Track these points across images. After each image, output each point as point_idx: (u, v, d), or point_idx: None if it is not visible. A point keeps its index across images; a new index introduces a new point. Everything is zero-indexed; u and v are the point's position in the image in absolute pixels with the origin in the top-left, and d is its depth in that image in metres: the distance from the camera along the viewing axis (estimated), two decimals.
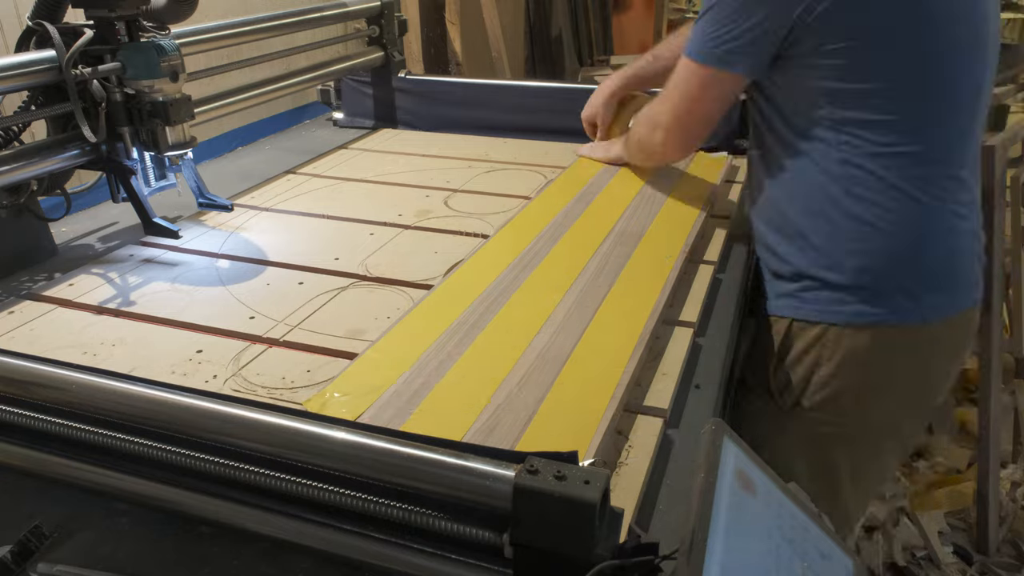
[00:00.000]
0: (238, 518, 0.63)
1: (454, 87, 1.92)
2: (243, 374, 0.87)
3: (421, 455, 0.56)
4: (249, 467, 0.61)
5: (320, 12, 1.71)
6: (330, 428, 0.58)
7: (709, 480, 0.48)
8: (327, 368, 0.88)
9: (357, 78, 1.94)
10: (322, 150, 1.76)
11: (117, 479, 0.66)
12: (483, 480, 0.53)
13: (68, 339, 0.95)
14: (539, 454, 0.54)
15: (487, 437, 0.71)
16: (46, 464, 0.69)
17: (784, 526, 0.50)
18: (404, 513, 0.57)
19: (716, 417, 0.63)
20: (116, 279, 1.11)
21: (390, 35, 1.92)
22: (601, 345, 0.87)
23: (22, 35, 1.11)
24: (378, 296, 1.06)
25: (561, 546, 0.52)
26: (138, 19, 1.16)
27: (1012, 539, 2.03)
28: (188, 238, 1.25)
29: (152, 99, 1.15)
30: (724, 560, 0.43)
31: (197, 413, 0.62)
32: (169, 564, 0.61)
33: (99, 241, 1.28)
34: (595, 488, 0.51)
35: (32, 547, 0.60)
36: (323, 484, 0.59)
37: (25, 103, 1.13)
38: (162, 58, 1.13)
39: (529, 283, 1.03)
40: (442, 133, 1.89)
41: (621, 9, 4.21)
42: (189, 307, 1.03)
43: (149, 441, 0.64)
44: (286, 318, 0.99)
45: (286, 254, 1.19)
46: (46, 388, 0.67)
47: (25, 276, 1.14)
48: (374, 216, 1.34)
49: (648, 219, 1.25)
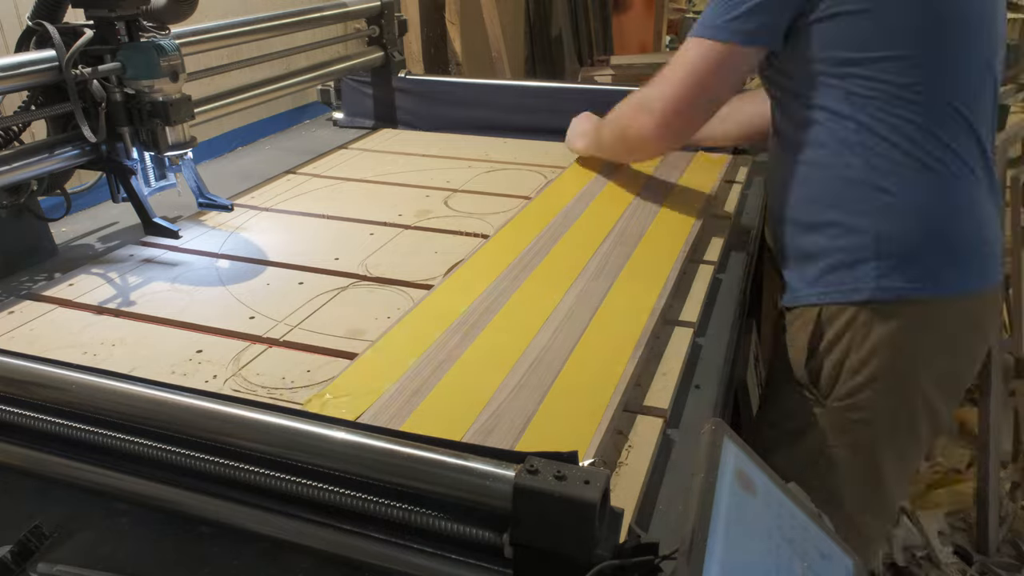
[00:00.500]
0: (238, 518, 0.63)
1: (454, 87, 1.92)
2: (243, 374, 0.87)
3: (421, 455, 0.56)
4: (249, 467, 0.61)
5: (320, 12, 1.71)
6: (330, 428, 0.58)
7: (709, 480, 0.48)
8: (327, 368, 0.88)
9: (357, 78, 1.94)
10: (322, 150, 1.76)
11: (117, 479, 0.66)
12: (483, 480, 0.53)
13: (68, 339, 0.95)
14: (539, 454, 0.54)
15: (487, 437, 0.71)
16: (46, 464, 0.69)
17: (784, 526, 0.50)
18: (404, 513, 0.57)
19: (716, 417, 0.63)
20: (116, 279, 1.11)
21: (390, 35, 1.92)
22: (601, 345, 0.87)
23: (22, 35, 1.11)
24: (378, 296, 1.06)
25: (561, 546, 0.52)
26: (138, 19, 1.16)
27: (1012, 539, 2.03)
28: (188, 238, 1.25)
29: (152, 99, 1.15)
30: (724, 560, 0.43)
31: (197, 413, 0.62)
32: (169, 564, 0.61)
33: (99, 241, 1.28)
34: (595, 488, 0.51)
35: (32, 547, 0.60)
36: (323, 484, 0.59)
37: (25, 103, 1.13)
38: (162, 58, 1.13)
39: (529, 283, 1.03)
40: (442, 133, 1.89)
41: (621, 9, 4.21)
42: (189, 307, 1.03)
43: (149, 441, 0.64)
44: (286, 318, 0.99)
45: (286, 254, 1.19)
46: (46, 388, 0.67)
47: (25, 276, 1.14)
48: (374, 216, 1.34)
49: (648, 219, 1.25)
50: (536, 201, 1.35)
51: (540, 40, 3.70)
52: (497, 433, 0.72)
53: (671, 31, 4.53)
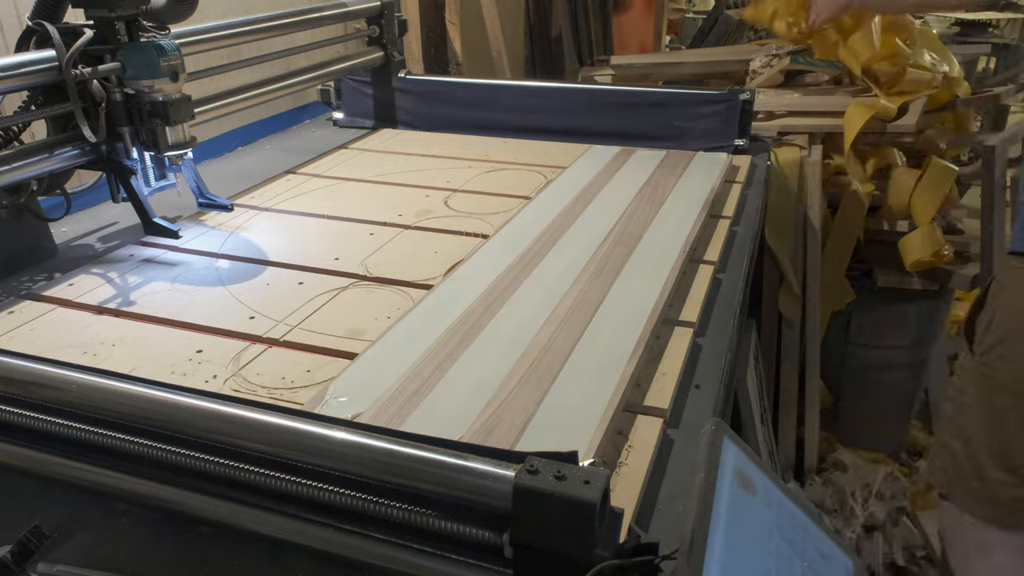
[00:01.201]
0: (238, 518, 0.63)
1: (454, 87, 1.92)
2: (243, 374, 0.87)
3: (421, 455, 0.56)
4: (249, 467, 0.61)
5: (320, 12, 1.71)
6: (330, 428, 0.58)
7: (709, 480, 0.48)
8: (327, 368, 0.88)
9: (357, 78, 1.94)
10: (322, 150, 1.76)
11: (117, 479, 0.66)
12: (483, 480, 0.53)
13: (68, 339, 0.95)
14: (539, 454, 0.54)
15: (487, 437, 0.71)
16: (46, 464, 0.69)
17: (784, 526, 0.50)
18: (404, 513, 0.57)
19: (716, 417, 0.63)
20: (116, 279, 1.11)
21: (390, 35, 1.92)
22: (601, 345, 0.87)
23: (22, 35, 1.11)
24: (378, 296, 1.06)
25: (561, 546, 0.52)
26: (138, 19, 1.16)
27: None
28: (188, 238, 1.25)
29: (152, 99, 1.15)
30: (724, 560, 0.43)
31: (197, 413, 0.62)
32: (169, 564, 0.61)
33: (99, 241, 1.28)
34: (595, 488, 0.51)
35: (32, 547, 0.60)
36: (323, 484, 0.59)
37: (25, 103, 1.13)
38: (162, 58, 1.13)
39: (529, 283, 1.03)
40: (442, 133, 1.89)
41: (621, 9, 4.20)
42: (189, 307, 1.03)
43: (149, 441, 0.64)
44: (286, 318, 0.99)
45: (286, 254, 1.19)
46: (46, 388, 0.67)
47: (25, 276, 1.14)
48: (374, 216, 1.34)
49: (648, 219, 1.25)
50: (536, 201, 1.35)
51: (540, 40, 3.69)
52: (497, 433, 0.72)
53: (671, 31, 4.53)
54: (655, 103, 1.73)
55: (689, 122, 1.70)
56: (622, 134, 1.73)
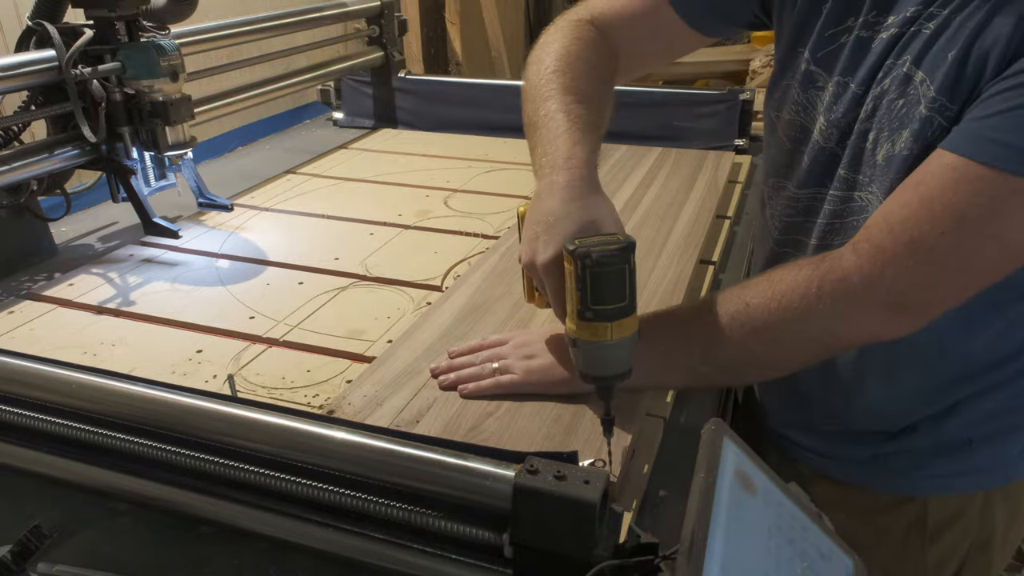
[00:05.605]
0: (238, 518, 0.63)
1: (454, 87, 1.91)
2: (243, 374, 0.87)
3: (421, 455, 0.56)
4: (249, 467, 0.61)
5: (320, 12, 1.71)
6: (330, 428, 0.58)
7: (709, 480, 0.48)
8: (327, 368, 0.88)
9: (357, 78, 1.94)
10: (322, 150, 1.76)
11: (117, 479, 0.66)
12: (483, 480, 0.53)
13: (68, 339, 0.95)
14: (539, 454, 0.54)
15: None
16: (46, 464, 0.69)
17: (784, 526, 0.50)
18: (404, 513, 0.57)
19: (716, 417, 0.63)
20: (116, 279, 1.11)
21: (390, 35, 1.92)
22: None
23: (22, 35, 1.11)
24: (378, 296, 1.06)
25: (561, 546, 0.52)
26: (138, 19, 1.16)
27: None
28: (188, 238, 1.25)
29: (152, 99, 1.15)
30: (724, 560, 0.43)
31: (197, 413, 0.62)
32: (169, 564, 0.61)
33: (99, 241, 1.28)
34: (595, 488, 0.51)
35: (32, 547, 0.60)
36: (323, 484, 0.59)
37: (25, 103, 1.13)
38: (162, 58, 1.13)
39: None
40: (442, 133, 1.89)
41: None
42: (189, 307, 1.03)
43: (149, 441, 0.64)
44: (286, 318, 0.99)
45: (286, 254, 1.19)
46: (46, 388, 0.67)
47: (25, 276, 1.14)
48: (374, 216, 1.34)
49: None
50: None
51: None
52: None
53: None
54: (655, 103, 1.73)
55: (689, 122, 1.70)
56: (622, 134, 1.73)
